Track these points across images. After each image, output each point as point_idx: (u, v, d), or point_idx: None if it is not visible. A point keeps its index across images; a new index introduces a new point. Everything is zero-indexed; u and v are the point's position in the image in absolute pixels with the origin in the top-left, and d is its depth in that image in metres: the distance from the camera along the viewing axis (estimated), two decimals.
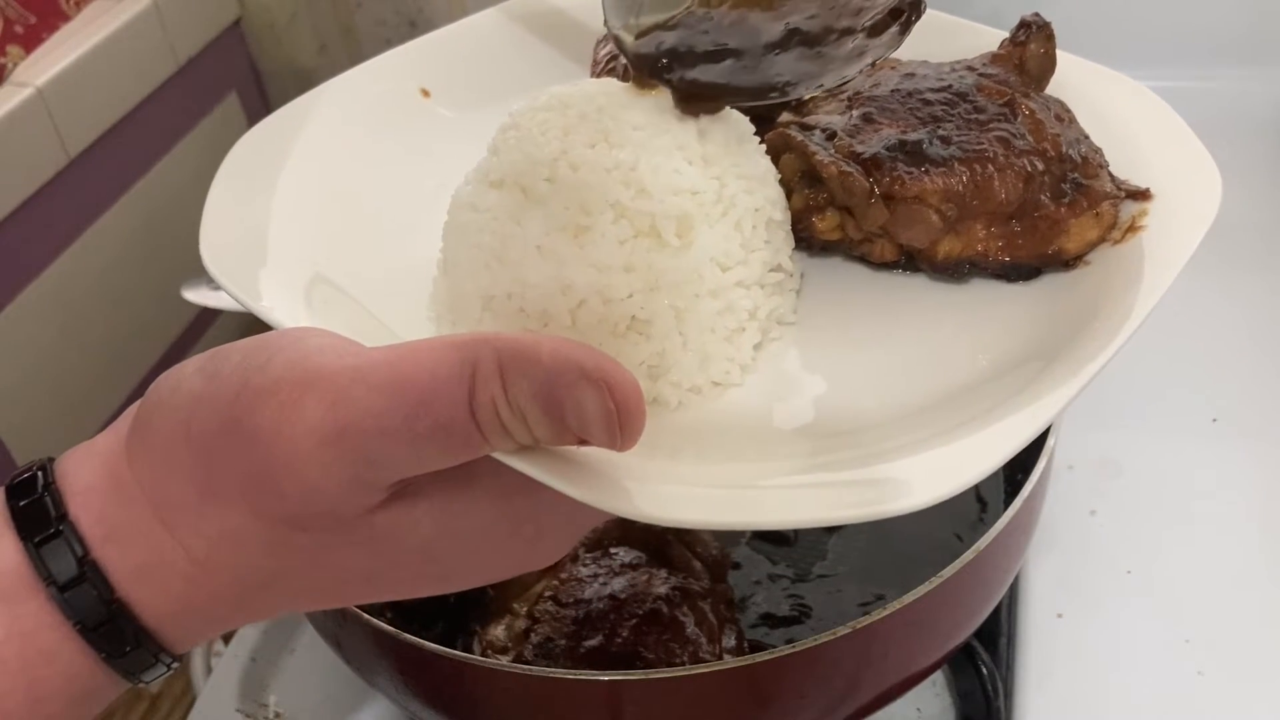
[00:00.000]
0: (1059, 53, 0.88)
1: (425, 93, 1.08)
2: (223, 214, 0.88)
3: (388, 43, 1.90)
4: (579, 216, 0.78)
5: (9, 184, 1.44)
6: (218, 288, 1.40)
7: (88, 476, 0.65)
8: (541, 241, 0.79)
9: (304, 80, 1.86)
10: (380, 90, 1.07)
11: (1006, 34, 0.94)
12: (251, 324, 0.80)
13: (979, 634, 1.10)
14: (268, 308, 0.79)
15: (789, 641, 0.91)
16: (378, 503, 0.63)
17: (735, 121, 0.86)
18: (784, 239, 0.85)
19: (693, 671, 0.91)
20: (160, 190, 1.69)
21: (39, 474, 0.65)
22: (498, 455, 0.62)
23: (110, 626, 0.63)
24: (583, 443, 0.61)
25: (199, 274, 1.31)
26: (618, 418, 0.59)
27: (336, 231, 0.91)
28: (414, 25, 1.90)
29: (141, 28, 1.62)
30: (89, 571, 0.62)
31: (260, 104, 1.90)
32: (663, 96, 0.84)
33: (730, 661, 0.99)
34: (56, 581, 0.62)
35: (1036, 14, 0.88)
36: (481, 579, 0.72)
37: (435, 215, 0.89)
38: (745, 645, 1.11)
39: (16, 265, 1.48)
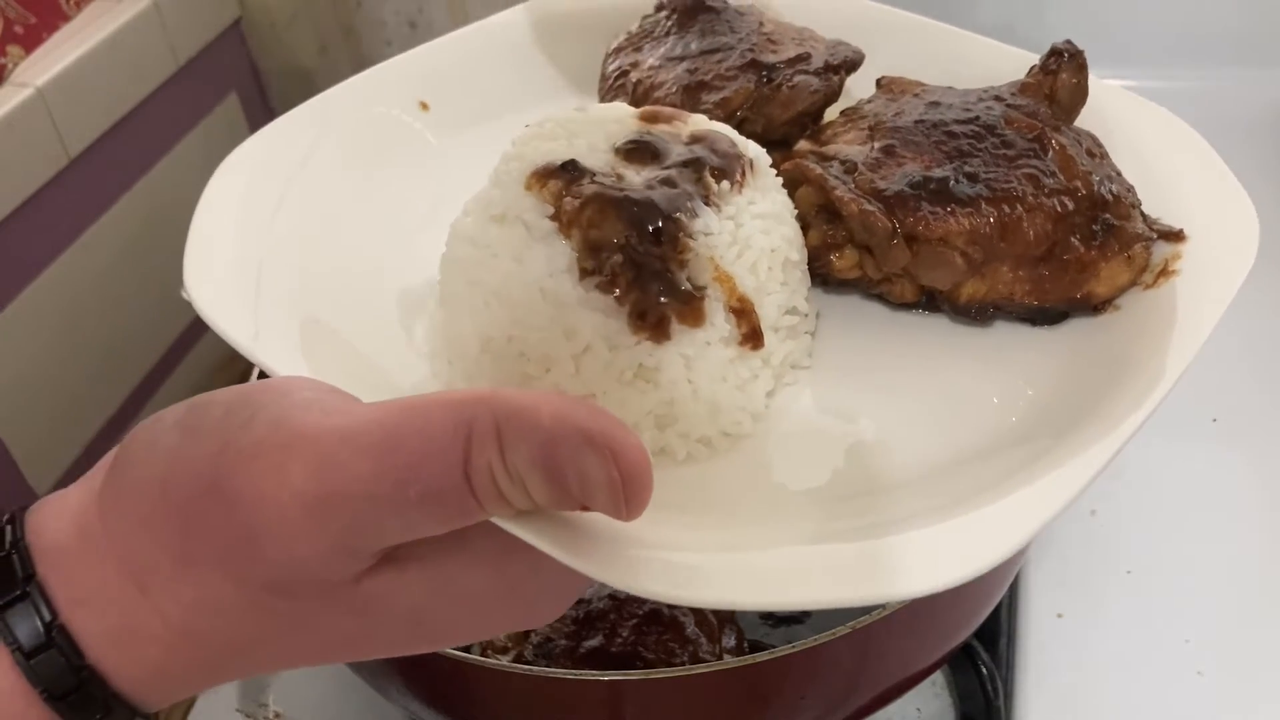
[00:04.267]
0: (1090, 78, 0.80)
1: (424, 105, 0.99)
2: (208, 240, 0.79)
3: (388, 43, 1.85)
4: (585, 257, 0.70)
5: (9, 184, 1.37)
6: None
7: (58, 534, 0.59)
8: (544, 283, 0.71)
9: (304, 80, 1.84)
10: (375, 105, 0.98)
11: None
12: None
13: (979, 634, 1.05)
14: (251, 346, 0.72)
15: (789, 641, 0.85)
16: (365, 569, 0.57)
17: (752, 152, 0.77)
18: (800, 279, 0.77)
19: (693, 671, 0.86)
20: (160, 190, 1.62)
21: (8, 528, 0.59)
22: (495, 520, 0.56)
23: (80, 694, 0.57)
24: (585, 508, 0.55)
25: None
26: (623, 487, 0.53)
27: (326, 259, 0.83)
28: (414, 26, 1.82)
29: (141, 28, 1.55)
30: (57, 637, 0.57)
31: (260, 104, 1.82)
32: (679, 127, 0.77)
33: (730, 661, 0.93)
34: (22, 648, 0.56)
35: (1069, 42, 0.79)
36: (474, 638, 0.66)
37: (430, 239, 0.80)
38: (745, 645, 1.07)
39: (16, 265, 1.41)
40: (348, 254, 0.85)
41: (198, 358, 1.75)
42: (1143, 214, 0.76)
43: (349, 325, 0.78)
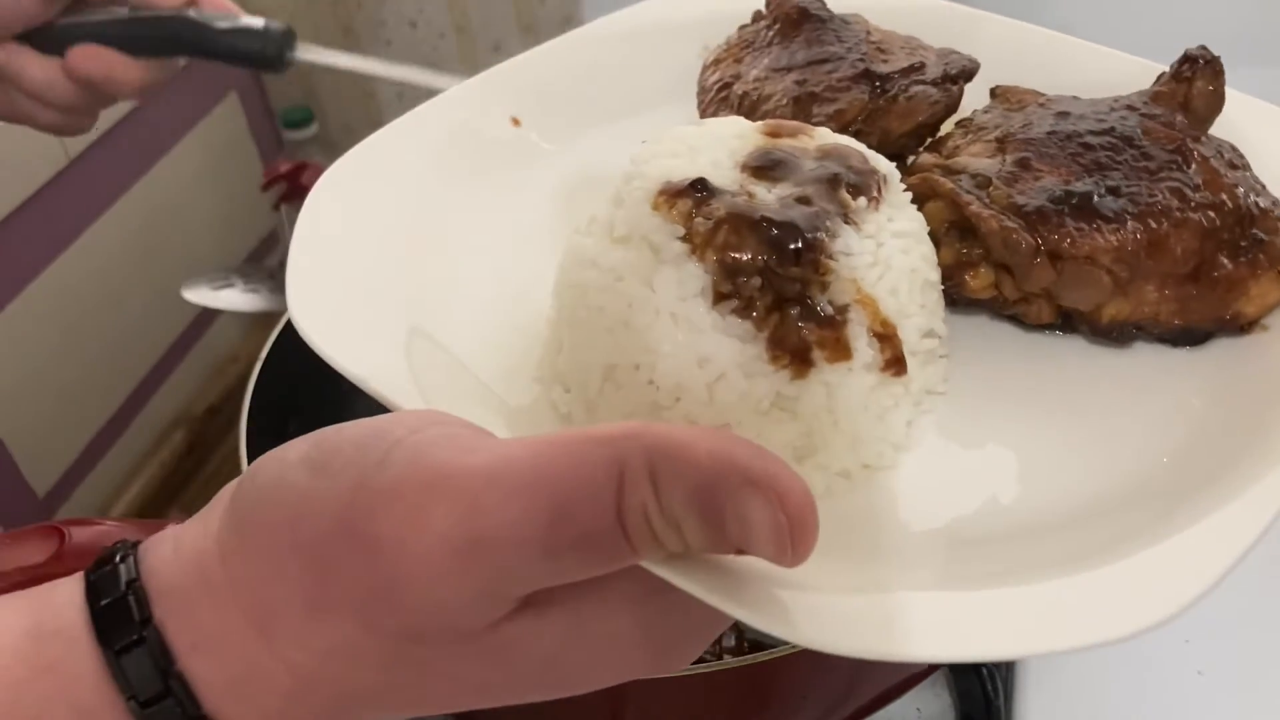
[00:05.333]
0: None
1: (516, 121, 0.90)
2: (311, 265, 0.72)
3: (388, 43, 1.78)
4: (720, 281, 0.63)
5: (9, 184, 1.33)
6: (218, 287, 1.26)
7: (176, 575, 0.53)
8: (676, 308, 0.63)
9: (304, 80, 1.78)
10: (466, 120, 0.89)
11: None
12: (253, 326, 0.64)
13: None
14: (369, 378, 0.64)
15: (789, 641, 0.78)
16: (505, 614, 0.51)
17: (884, 167, 0.70)
18: (937, 300, 0.70)
19: (693, 671, 0.82)
20: (160, 190, 1.56)
21: (121, 567, 0.53)
22: (645, 563, 0.50)
23: None
24: (740, 553, 0.49)
25: (199, 274, 1.21)
26: (789, 533, 0.47)
27: (430, 281, 0.75)
28: (414, 26, 1.74)
29: None
30: (174, 686, 0.51)
31: (260, 104, 1.76)
32: (805, 141, 0.70)
33: (730, 661, 0.89)
34: (137, 697, 0.51)
35: (1204, 48, 0.73)
36: (606, 684, 0.58)
37: (533, 257, 0.75)
38: (745, 645, 1.02)
39: (16, 265, 1.37)
40: (452, 272, 0.77)
41: (198, 358, 1.70)
42: None
43: (460, 352, 0.71)
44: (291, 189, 1.49)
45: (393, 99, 1.82)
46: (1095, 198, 0.66)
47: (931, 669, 0.98)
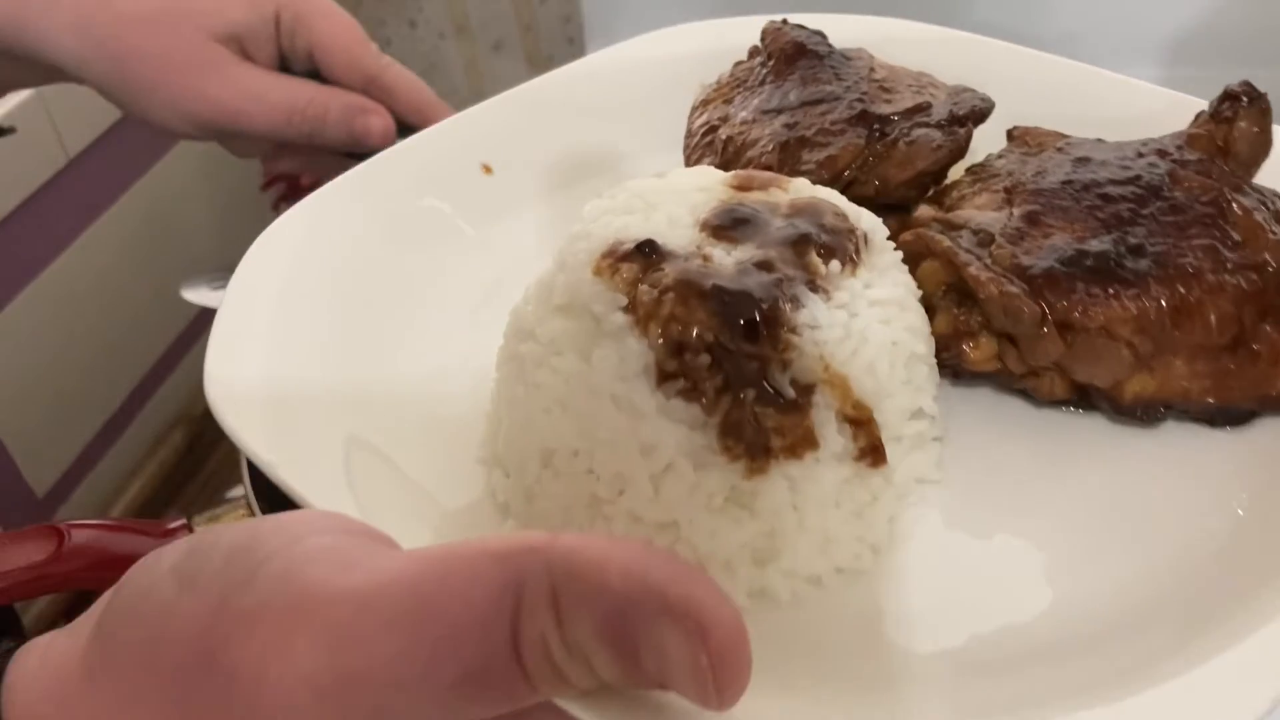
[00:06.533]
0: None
1: (487, 169, 0.82)
2: (234, 341, 0.65)
3: (388, 43, 1.76)
4: (665, 358, 0.54)
5: (9, 184, 1.32)
6: (218, 287, 1.22)
7: (35, 695, 0.47)
8: (616, 388, 0.55)
9: None
10: (426, 173, 0.81)
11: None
12: None
13: None
14: (280, 470, 0.57)
15: None
16: None
17: (866, 224, 0.62)
18: (927, 375, 0.61)
19: None
20: (160, 190, 1.57)
21: None
22: (554, 700, 0.44)
23: None
24: (664, 688, 0.41)
25: (199, 274, 1.21)
26: (712, 673, 0.40)
27: (369, 352, 0.68)
28: (414, 26, 1.72)
29: None
30: None
31: None
32: (777, 195, 0.61)
33: None
34: None
35: (1248, 83, 0.64)
36: None
37: (487, 327, 0.66)
38: None
39: (16, 265, 1.36)
40: (393, 344, 0.70)
41: (197, 358, 1.66)
42: None
43: (394, 433, 0.64)
44: (290, 189, 1.47)
45: None
46: (1113, 258, 0.58)
47: None
